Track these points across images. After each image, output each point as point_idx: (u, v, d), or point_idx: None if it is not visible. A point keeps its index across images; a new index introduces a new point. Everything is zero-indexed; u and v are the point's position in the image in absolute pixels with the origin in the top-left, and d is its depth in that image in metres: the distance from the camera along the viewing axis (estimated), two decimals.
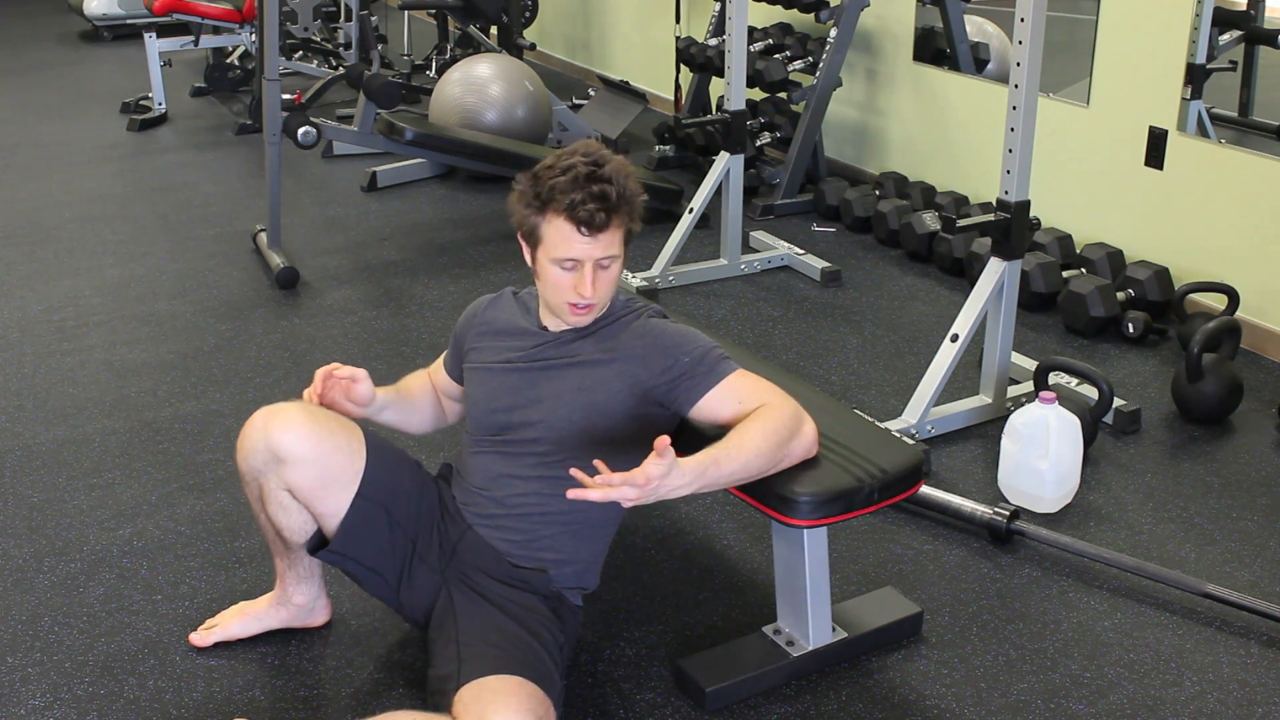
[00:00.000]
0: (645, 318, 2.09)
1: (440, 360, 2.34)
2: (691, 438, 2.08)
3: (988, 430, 3.05)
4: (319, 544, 2.10)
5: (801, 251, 4.22)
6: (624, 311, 2.11)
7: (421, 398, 2.34)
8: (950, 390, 3.13)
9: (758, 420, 1.93)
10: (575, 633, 2.12)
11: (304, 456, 1.99)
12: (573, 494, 1.74)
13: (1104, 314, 3.54)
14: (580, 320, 2.06)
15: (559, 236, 1.96)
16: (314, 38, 6.45)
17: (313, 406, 2.07)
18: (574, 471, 1.77)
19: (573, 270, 1.98)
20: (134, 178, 5.49)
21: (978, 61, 4.60)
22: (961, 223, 3.00)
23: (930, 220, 4.23)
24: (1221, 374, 3.05)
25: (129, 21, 8.43)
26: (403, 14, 7.37)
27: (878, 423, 2.24)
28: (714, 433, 1.98)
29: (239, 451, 2.05)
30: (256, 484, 2.06)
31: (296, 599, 2.25)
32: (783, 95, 5.02)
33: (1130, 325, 3.53)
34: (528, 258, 2.06)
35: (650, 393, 2.03)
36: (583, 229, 1.94)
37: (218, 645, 2.25)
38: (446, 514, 2.13)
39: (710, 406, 2.00)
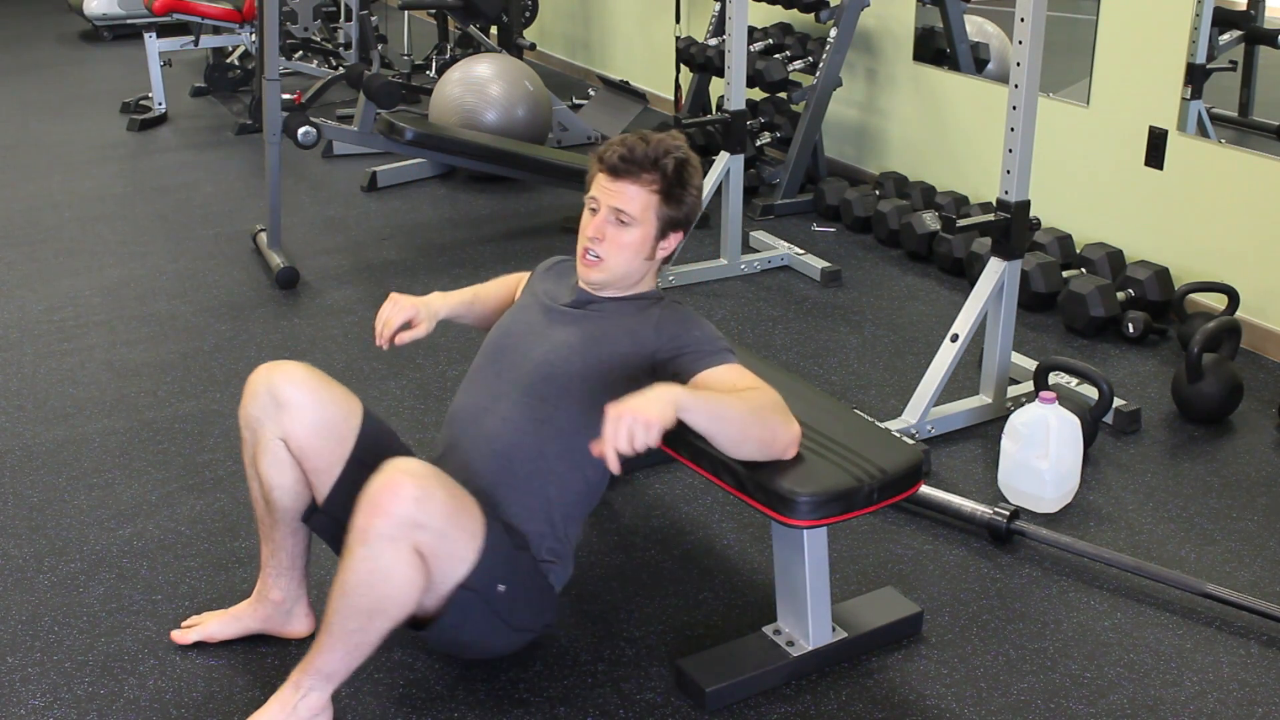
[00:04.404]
0: (670, 302, 2.20)
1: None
2: (690, 436, 2.09)
3: (988, 430, 3.05)
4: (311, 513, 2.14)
5: (801, 251, 4.22)
6: (657, 296, 2.21)
7: (494, 300, 2.43)
8: (950, 390, 3.13)
9: (745, 392, 1.99)
10: (546, 610, 2.10)
11: (303, 403, 2.06)
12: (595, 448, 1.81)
13: (1104, 314, 3.54)
14: (588, 274, 2.13)
15: (592, 179, 2.15)
16: (314, 38, 6.45)
17: (313, 367, 2.13)
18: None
19: (594, 212, 2.13)
20: (134, 178, 5.49)
21: (978, 61, 4.60)
22: (961, 223, 3.00)
23: (930, 220, 4.23)
24: (1221, 374, 3.05)
25: (129, 21, 8.43)
26: (403, 14, 7.37)
27: (878, 423, 2.24)
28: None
29: (242, 402, 2.10)
30: (253, 436, 2.09)
31: (274, 595, 2.23)
32: (783, 95, 5.02)
33: (1130, 325, 3.53)
34: None
35: (653, 355, 2.07)
36: (605, 170, 2.10)
37: (219, 645, 2.24)
38: None
39: (706, 382, 2.03)
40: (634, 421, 1.80)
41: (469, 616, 1.94)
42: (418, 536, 1.80)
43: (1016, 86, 2.82)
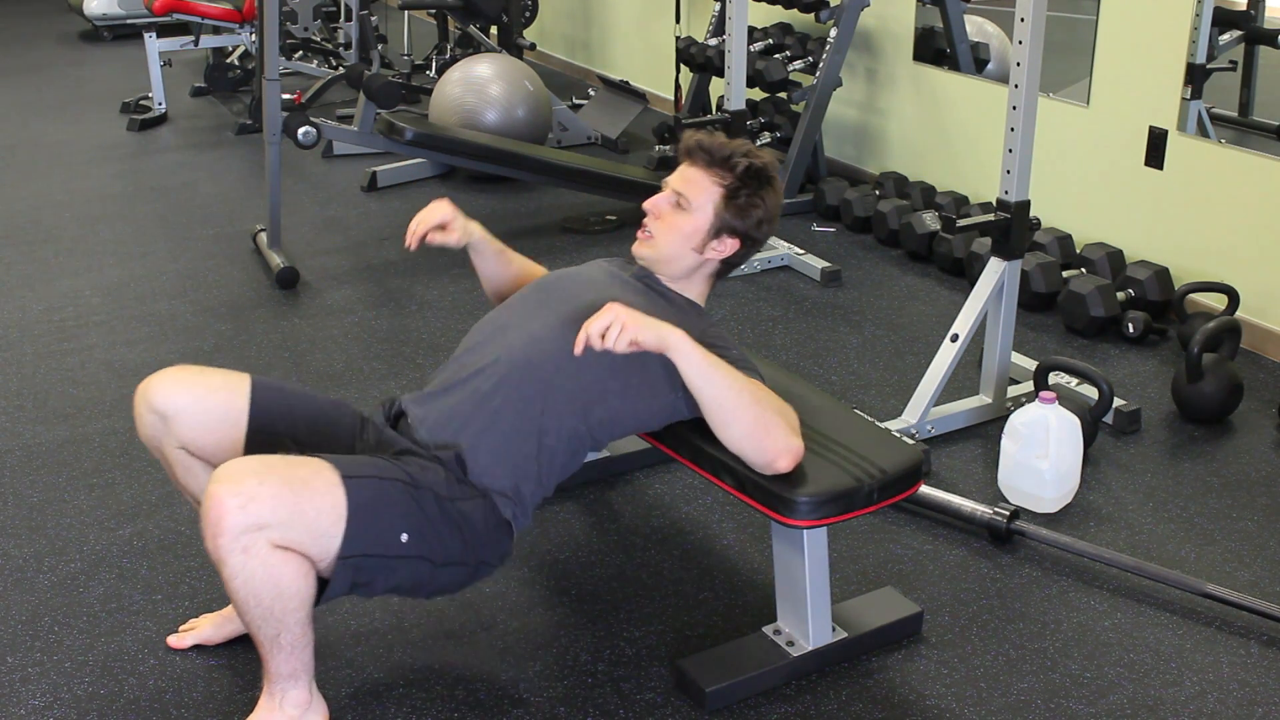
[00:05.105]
0: (717, 324, 2.22)
1: None
2: (693, 437, 2.09)
3: (988, 430, 3.05)
4: None
5: (801, 251, 4.22)
6: (707, 314, 2.23)
7: (517, 268, 2.45)
8: (950, 390, 3.13)
9: (755, 385, 2.00)
10: (487, 544, 2.01)
11: (182, 406, 2.02)
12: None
13: (1104, 314, 3.54)
14: (638, 248, 2.18)
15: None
16: (314, 38, 6.45)
17: (186, 365, 2.11)
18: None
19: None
20: (134, 178, 5.49)
21: (978, 61, 4.60)
22: (961, 223, 3.00)
23: (930, 220, 4.23)
24: (1221, 374, 3.05)
25: (129, 21, 8.44)
26: (403, 14, 7.37)
27: (878, 423, 2.24)
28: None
29: (136, 430, 2.08)
30: (160, 455, 2.08)
31: None
32: (783, 95, 5.02)
33: (1130, 325, 3.53)
34: None
35: None
36: (682, 153, 2.17)
37: (219, 646, 2.25)
38: (374, 439, 2.12)
39: None
40: (615, 320, 1.85)
41: (375, 574, 1.87)
42: (267, 536, 1.75)
43: (1016, 86, 2.81)
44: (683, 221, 2.14)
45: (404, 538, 1.88)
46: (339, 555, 1.81)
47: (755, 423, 1.95)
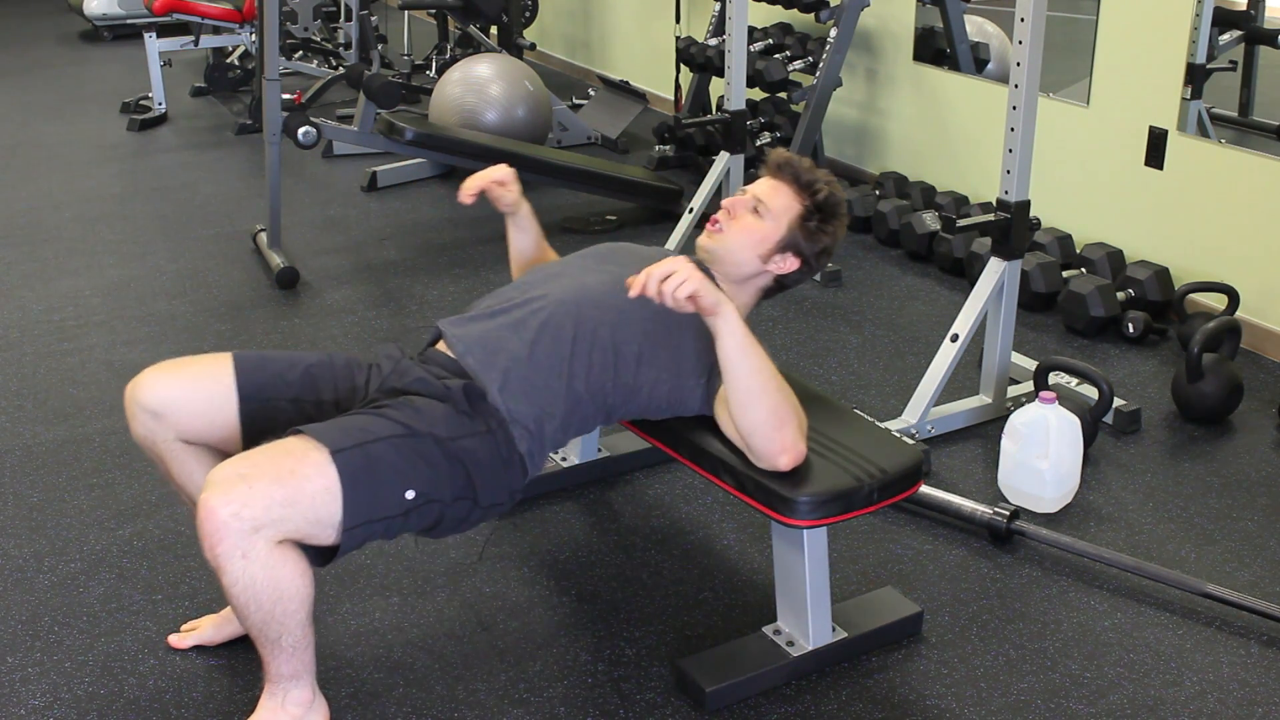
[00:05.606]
0: None
1: None
2: (693, 437, 2.09)
3: (988, 430, 3.05)
4: None
5: None
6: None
7: (551, 256, 2.52)
8: (950, 390, 3.13)
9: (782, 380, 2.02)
10: (500, 479, 2.00)
11: (174, 398, 2.04)
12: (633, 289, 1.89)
13: (1104, 314, 3.54)
14: (705, 240, 2.22)
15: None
16: (314, 38, 6.45)
17: (167, 360, 2.12)
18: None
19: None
20: (134, 178, 5.49)
21: (978, 61, 4.60)
22: (961, 223, 3.00)
23: (930, 220, 4.23)
24: (1221, 374, 3.05)
25: (129, 21, 8.44)
26: (403, 14, 7.37)
27: (878, 423, 2.24)
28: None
29: (130, 430, 2.08)
30: (154, 452, 2.08)
31: None
32: (783, 95, 5.02)
33: (1130, 325, 3.53)
34: None
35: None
36: (767, 167, 2.25)
37: (220, 646, 2.25)
38: (389, 368, 2.11)
39: None
40: (680, 270, 1.85)
41: (388, 528, 1.89)
42: (265, 535, 1.75)
43: (1016, 86, 2.81)
44: (756, 226, 2.19)
45: (409, 494, 1.88)
46: (343, 527, 1.82)
47: (774, 412, 1.96)
